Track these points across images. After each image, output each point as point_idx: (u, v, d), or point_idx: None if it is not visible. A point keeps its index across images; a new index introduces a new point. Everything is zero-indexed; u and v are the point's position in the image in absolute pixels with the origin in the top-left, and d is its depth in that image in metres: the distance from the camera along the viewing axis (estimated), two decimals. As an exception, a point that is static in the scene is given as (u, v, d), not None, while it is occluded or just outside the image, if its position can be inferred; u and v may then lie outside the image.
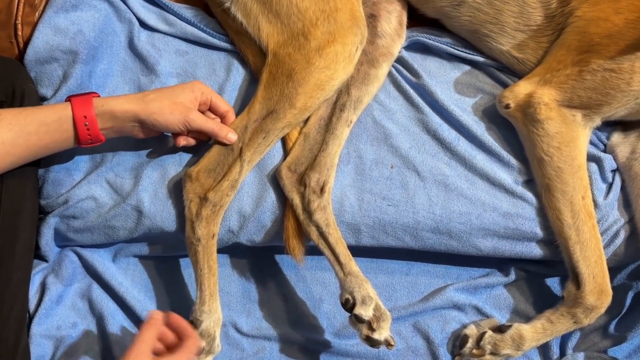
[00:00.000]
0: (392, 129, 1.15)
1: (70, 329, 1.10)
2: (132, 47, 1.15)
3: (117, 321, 1.12)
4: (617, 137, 1.19)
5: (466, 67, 1.22)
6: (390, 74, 1.18)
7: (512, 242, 1.15)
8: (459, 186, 1.13)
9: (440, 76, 1.20)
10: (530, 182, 1.15)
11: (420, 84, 1.17)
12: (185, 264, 1.18)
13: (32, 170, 1.06)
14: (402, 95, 1.18)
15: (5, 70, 1.05)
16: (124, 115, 0.98)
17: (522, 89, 1.13)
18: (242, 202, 1.10)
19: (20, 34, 1.11)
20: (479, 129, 1.16)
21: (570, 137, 1.10)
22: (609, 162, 1.17)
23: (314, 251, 1.11)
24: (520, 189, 1.14)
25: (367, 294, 1.03)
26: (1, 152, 0.93)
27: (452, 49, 1.20)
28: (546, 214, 1.13)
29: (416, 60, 1.20)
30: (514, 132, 1.16)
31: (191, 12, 1.19)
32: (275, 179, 1.11)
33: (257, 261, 1.20)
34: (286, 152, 1.13)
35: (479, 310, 1.21)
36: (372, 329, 1.01)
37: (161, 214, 1.09)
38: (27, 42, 1.10)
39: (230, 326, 1.16)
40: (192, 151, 1.11)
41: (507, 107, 1.14)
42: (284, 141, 1.13)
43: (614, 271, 1.20)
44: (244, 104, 1.13)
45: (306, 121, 1.13)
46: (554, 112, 1.10)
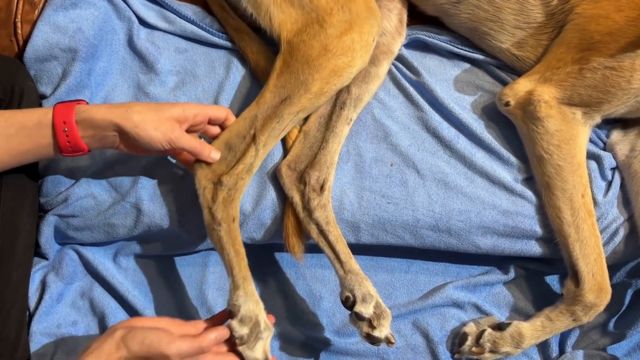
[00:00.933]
0: (392, 126, 1.15)
1: (70, 327, 1.10)
2: (131, 45, 1.15)
3: (117, 320, 1.11)
4: (616, 135, 1.19)
5: (466, 64, 1.21)
6: (390, 72, 1.18)
7: (511, 239, 1.15)
8: (458, 184, 1.14)
9: (440, 74, 1.20)
10: (529, 180, 1.15)
11: (420, 81, 1.17)
12: (185, 263, 1.18)
13: (32, 168, 1.06)
14: (402, 93, 1.18)
15: (4, 68, 1.04)
16: (103, 123, 0.92)
17: (522, 86, 1.13)
18: (242, 200, 1.10)
19: (20, 32, 1.11)
20: (479, 126, 1.16)
21: (570, 135, 1.10)
22: (609, 160, 1.17)
23: (313, 249, 1.11)
24: (519, 187, 1.14)
25: (367, 291, 1.03)
26: None
27: (451, 47, 1.20)
28: (546, 211, 1.13)
29: (416, 58, 1.20)
30: (514, 130, 1.16)
31: (191, 9, 1.18)
32: (275, 177, 1.11)
33: (257, 259, 1.20)
34: (286, 150, 1.12)
35: (478, 308, 1.21)
36: (372, 327, 1.01)
37: (160, 212, 1.09)
38: (26, 40, 1.10)
39: (230, 324, 1.16)
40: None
41: (507, 104, 1.13)
42: (284, 139, 1.13)
43: (613, 269, 1.20)
44: (243, 102, 1.13)
45: (306, 119, 1.13)
46: (554, 109, 1.10)
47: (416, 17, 1.23)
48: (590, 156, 1.16)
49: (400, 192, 1.13)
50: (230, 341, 0.93)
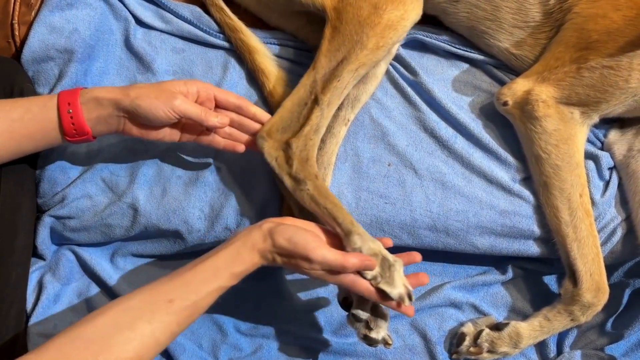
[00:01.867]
0: (389, 126, 1.15)
1: (67, 328, 1.10)
2: (128, 45, 1.15)
3: (114, 320, 1.12)
4: (614, 135, 1.19)
5: (464, 64, 1.21)
6: (387, 72, 1.18)
7: (509, 239, 1.15)
8: (456, 184, 1.13)
9: (437, 74, 1.19)
10: (527, 180, 1.15)
11: (417, 81, 1.17)
12: (182, 264, 1.18)
13: (29, 167, 1.06)
14: (400, 93, 1.18)
15: (3, 69, 1.05)
16: (106, 101, 0.93)
17: (520, 86, 1.12)
18: (239, 198, 1.10)
19: (17, 33, 1.11)
20: (476, 126, 1.16)
21: (568, 135, 1.10)
22: (606, 160, 1.17)
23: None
24: (517, 187, 1.14)
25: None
26: None
27: (449, 47, 1.20)
28: (543, 211, 1.13)
29: (413, 58, 1.20)
30: (512, 129, 1.16)
31: (188, 9, 1.18)
32: (272, 180, 1.11)
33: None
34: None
35: (476, 308, 1.21)
36: (369, 328, 1.01)
37: (157, 212, 1.09)
38: (23, 42, 1.10)
39: (227, 325, 1.16)
40: (188, 149, 1.11)
41: (505, 104, 1.13)
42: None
43: (611, 269, 1.20)
44: (241, 102, 1.13)
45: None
46: (552, 109, 1.10)
47: (414, 16, 1.23)
48: (587, 156, 1.16)
49: (397, 192, 1.13)
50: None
